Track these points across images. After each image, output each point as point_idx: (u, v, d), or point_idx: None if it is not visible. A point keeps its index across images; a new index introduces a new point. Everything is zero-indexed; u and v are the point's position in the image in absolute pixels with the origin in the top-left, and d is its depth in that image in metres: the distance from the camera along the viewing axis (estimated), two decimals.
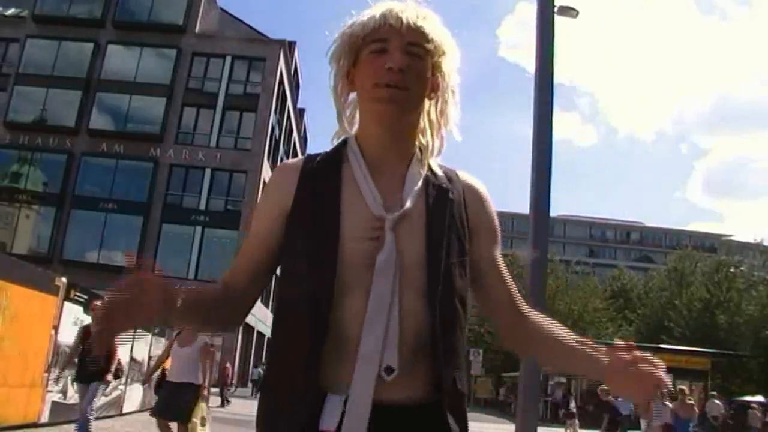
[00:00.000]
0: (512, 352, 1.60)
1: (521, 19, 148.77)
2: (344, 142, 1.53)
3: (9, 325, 7.85)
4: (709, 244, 69.41)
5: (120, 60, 35.31)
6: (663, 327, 38.23)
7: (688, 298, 38.58)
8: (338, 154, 1.50)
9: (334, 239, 1.35)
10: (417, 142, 1.51)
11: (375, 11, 1.45)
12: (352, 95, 1.52)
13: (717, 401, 19.24)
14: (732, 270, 39.81)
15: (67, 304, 9.55)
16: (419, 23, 1.43)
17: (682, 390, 15.70)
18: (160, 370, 8.71)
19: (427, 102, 1.50)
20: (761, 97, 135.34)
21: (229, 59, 35.94)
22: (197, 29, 36.28)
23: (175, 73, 35.20)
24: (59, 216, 33.48)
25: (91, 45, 35.20)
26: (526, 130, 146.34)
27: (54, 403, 9.61)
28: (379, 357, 1.28)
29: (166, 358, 8.25)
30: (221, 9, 40.09)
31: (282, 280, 1.43)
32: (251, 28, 38.31)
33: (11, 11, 37.44)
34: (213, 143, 34.97)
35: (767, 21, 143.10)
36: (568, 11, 8.93)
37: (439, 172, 1.51)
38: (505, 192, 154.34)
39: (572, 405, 20.70)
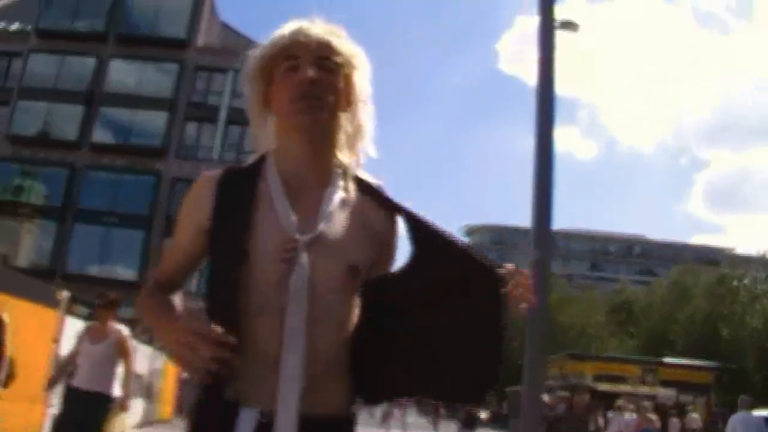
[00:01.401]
0: (514, 366, 1.60)
1: (520, 32, 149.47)
2: (262, 156, 1.55)
3: (10, 338, 7.83)
4: (712, 258, 69.21)
5: (122, 74, 35.47)
6: (665, 341, 38.06)
7: (691, 311, 38.44)
8: (256, 168, 1.52)
9: (243, 259, 1.38)
10: (336, 160, 1.52)
11: (285, 30, 1.49)
12: (268, 117, 1.55)
13: (694, 414, 19.12)
14: (735, 283, 39.66)
15: (69, 318, 9.54)
16: (327, 38, 1.47)
17: (644, 406, 16.48)
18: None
19: (342, 117, 1.52)
20: (762, 110, 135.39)
21: (231, 73, 36.06)
22: (200, 43, 36.47)
23: (178, 87, 35.35)
24: (61, 230, 33.51)
25: (93, 59, 35.37)
26: (525, 141, 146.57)
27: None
28: (298, 377, 1.33)
29: (75, 358, 6.08)
30: (224, 23, 40.29)
31: (205, 294, 1.48)
32: (254, 42, 38.39)
33: (15, 26, 37.66)
34: (215, 157, 35.03)
35: (767, 33, 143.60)
36: (569, 26, 8.97)
37: (365, 189, 1.53)
38: (503, 204, 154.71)
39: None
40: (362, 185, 1.54)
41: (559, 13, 7.70)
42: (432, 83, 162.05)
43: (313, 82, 1.43)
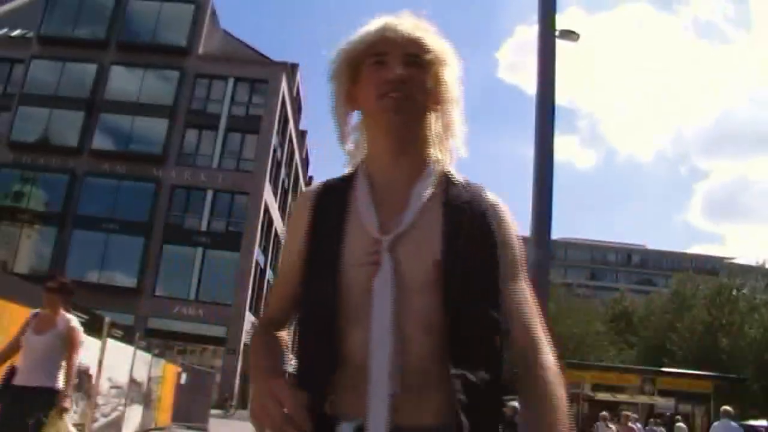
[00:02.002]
0: (514, 375, 1.52)
1: (520, 41, 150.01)
2: (359, 164, 1.49)
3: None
4: (711, 267, 69.25)
5: (123, 81, 35.55)
6: (665, 350, 37.98)
7: (690, 321, 38.39)
8: (348, 178, 1.46)
9: (333, 268, 1.32)
10: (427, 157, 1.45)
11: (372, 26, 1.43)
12: (355, 116, 1.49)
13: (681, 424, 19.12)
14: (734, 293, 39.65)
15: None
16: (417, 34, 1.41)
17: (626, 415, 16.85)
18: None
19: (432, 115, 1.46)
20: (761, 120, 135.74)
21: (231, 81, 36.18)
22: (200, 51, 36.57)
23: (178, 95, 35.43)
24: (61, 236, 33.52)
25: (94, 66, 35.47)
26: (523, 150, 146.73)
27: None
28: (387, 384, 1.24)
29: (16, 351, 5.21)
30: (224, 31, 40.41)
31: (298, 311, 1.45)
32: (254, 50, 38.58)
33: (17, 32, 37.77)
34: (215, 164, 35.09)
35: (766, 44, 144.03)
36: (569, 35, 8.98)
37: (459, 188, 1.44)
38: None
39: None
40: (453, 182, 1.45)
41: (559, 22, 7.72)
42: None
43: (401, 80, 1.37)
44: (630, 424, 16.62)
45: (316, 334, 1.32)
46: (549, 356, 1.47)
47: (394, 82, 1.37)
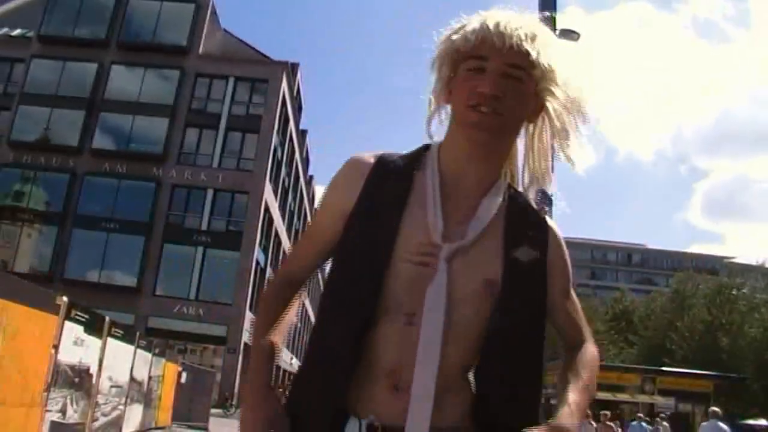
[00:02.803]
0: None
1: None
2: (426, 147, 1.45)
3: (9, 343, 7.84)
4: (711, 266, 69.26)
5: (123, 80, 35.55)
6: (665, 349, 38.01)
7: (690, 320, 38.41)
8: (416, 159, 1.42)
9: (384, 257, 1.29)
10: (504, 169, 1.43)
11: (481, 23, 1.34)
12: (447, 106, 1.44)
13: (644, 424, 19.21)
14: (734, 292, 39.67)
15: (68, 324, 9.53)
16: (525, 46, 1.31)
17: (604, 414, 17.49)
18: None
19: (527, 126, 1.42)
20: (761, 119, 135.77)
21: (231, 80, 36.18)
22: (200, 50, 36.56)
23: (178, 94, 35.42)
24: (61, 235, 33.51)
25: (95, 65, 35.46)
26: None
27: (53, 422, 9.57)
28: (432, 395, 1.24)
29: None
30: (225, 30, 40.39)
31: (328, 284, 1.39)
32: (254, 49, 38.58)
33: (17, 31, 37.78)
34: (215, 164, 35.08)
35: (766, 43, 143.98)
36: (570, 34, 8.98)
37: (525, 207, 1.43)
38: None
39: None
40: (519, 202, 1.42)
41: (559, 21, 7.72)
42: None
43: (493, 97, 1.30)
44: (608, 423, 17.37)
45: (346, 322, 1.29)
46: (592, 351, 1.50)
47: (484, 95, 1.30)
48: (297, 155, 48.36)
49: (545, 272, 1.40)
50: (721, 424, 14.36)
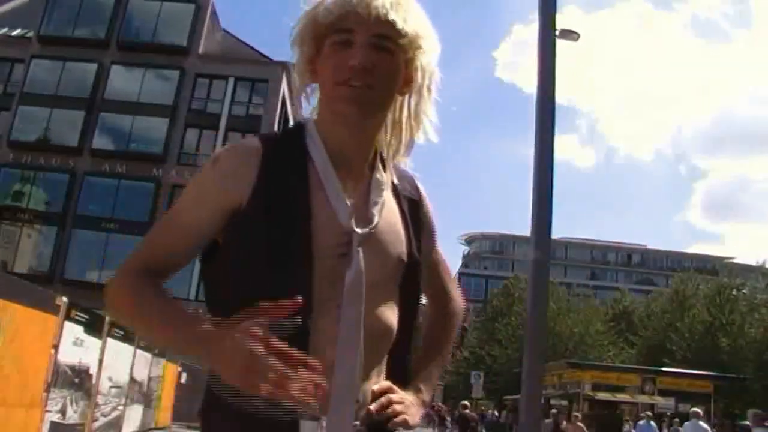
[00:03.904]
0: (514, 375, 1.66)
1: (517, 40, 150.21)
2: (300, 126, 1.38)
3: (9, 344, 7.83)
4: (711, 267, 69.25)
5: (123, 81, 35.56)
6: (665, 350, 37.96)
7: (690, 320, 38.36)
8: (298, 141, 1.34)
9: (306, 255, 1.22)
10: (380, 145, 1.39)
11: None
12: (314, 85, 1.38)
13: (652, 423, 19.29)
14: (734, 293, 39.63)
15: (68, 324, 9.53)
16: (391, 15, 1.25)
17: (575, 416, 17.81)
18: None
19: (398, 97, 1.36)
20: (760, 118, 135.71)
21: (231, 81, 36.18)
22: (200, 51, 36.55)
23: (178, 94, 35.43)
24: (61, 235, 33.52)
25: (94, 65, 35.45)
26: (523, 149, 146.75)
27: (53, 423, 9.57)
28: (357, 380, 1.22)
29: None
30: (225, 31, 40.40)
31: (235, 291, 1.26)
32: (254, 49, 38.57)
33: (17, 32, 37.77)
34: None
35: (766, 42, 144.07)
36: (569, 34, 8.98)
37: (403, 175, 1.45)
38: (503, 213, 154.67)
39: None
40: (399, 172, 1.44)
41: (558, 21, 7.72)
42: None
43: (364, 68, 1.25)
44: (579, 423, 17.86)
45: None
46: (456, 304, 1.63)
47: (355, 69, 1.25)
48: None
49: (429, 242, 1.47)
50: (702, 424, 14.88)
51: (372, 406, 1.27)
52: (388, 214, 1.34)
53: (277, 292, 1.13)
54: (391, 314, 1.32)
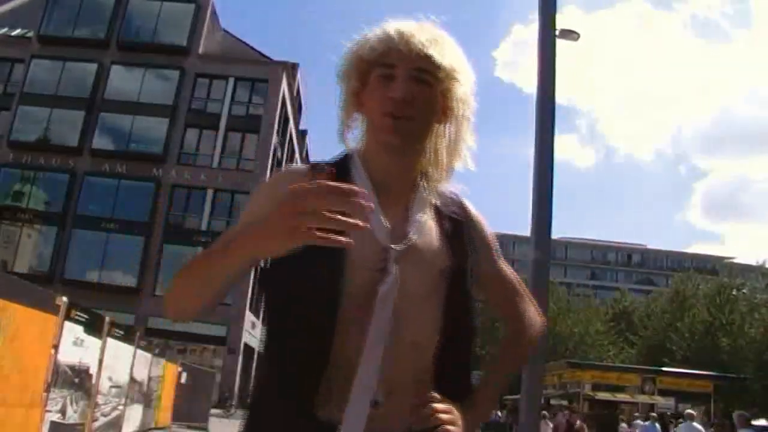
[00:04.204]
0: (514, 375, 1.72)
1: (517, 40, 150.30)
2: (346, 156, 1.48)
3: (9, 344, 7.83)
4: (711, 267, 69.29)
5: (123, 80, 35.57)
6: (665, 349, 38.00)
7: (690, 320, 38.39)
8: (344, 169, 1.42)
9: (341, 268, 1.30)
10: (423, 168, 1.48)
11: (384, 32, 1.40)
12: (358, 115, 1.49)
13: (657, 425, 19.35)
14: (734, 292, 39.66)
15: (68, 324, 9.53)
16: (429, 50, 1.37)
17: (543, 414, 18.33)
18: None
19: (436, 126, 1.46)
20: (760, 118, 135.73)
21: (231, 81, 36.19)
22: (200, 51, 36.57)
23: (178, 94, 35.44)
24: (61, 235, 33.52)
25: (94, 65, 35.47)
26: (523, 149, 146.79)
27: (53, 423, 9.57)
28: (373, 390, 1.27)
29: None
30: (225, 31, 40.41)
31: (277, 301, 1.39)
32: (254, 49, 38.59)
33: (17, 32, 37.78)
34: (215, 164, 35.10)
35: (766, 42, 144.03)
36: (569, 34, 8.97)
37: (446, 197, 1.51)
38: (502, 212, 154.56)
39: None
40: (442, 194, 1.51)
41: (558, 21, 7.72)
42: None
43: (405, 101, 1.36)
44: (547, 421, 18.65)
45: (310, 332, 1.29)
46: (523, 324, 1.63)
47: (397, 102, 1.36)
48: (297, 155, 48.36)
49: (475, 255, 1.49)
50: (696, 425, 15.10)
51: (412, 418, 1.33)
52: (426, 232, 1.42)
53: (314, 300, 1.29)
54: (429, 326, 1.38)
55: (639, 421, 20.16)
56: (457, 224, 1.48)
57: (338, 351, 1.28)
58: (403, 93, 1.35)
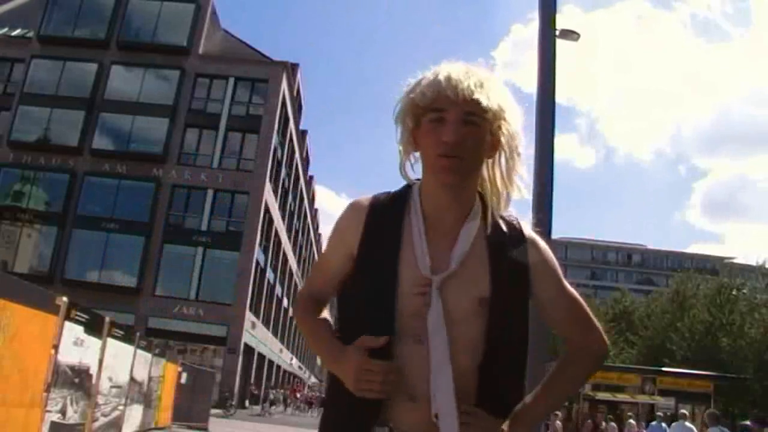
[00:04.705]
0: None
1: (516, 39, 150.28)
2: (409, 187, 1.67)
3: (9, 344, 7.83)
4: (711, 267, 69.26)
5: (123, 80, 35.57)
6: (665, 350, 37.97)
7: (690, 320, 38.35)
8: (402, 201, 1.65)
9: (391, 293, 1.54)
10: (476, 198, 1.63)
11: (435, 79, 1.54)
12: (416, 153, 1.65)
13: (663, 424, 19.43)
14: (734, 293, 39.61)
15: (68, 324, 9.53)
16: (476, 95, 1.51)
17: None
18: None
19: (489, 161, 1.62)
20: (760, 118, 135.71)
21: (232, 81, 36.18)
22: (201, 51, 36.57)
23: (178, 94, 35.43)
24: (61, 235, 33.52)
25: (95, 65, 35.48)
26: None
27: (53, 423, 9.57)
28: (455, 409, 1.47)
29: None
30: (225, 31, 40.42)
31: (343, 317, 1.66)
32: (254, 50, 38.58)
33: (17, 32, 37.79)
34: (215, 164, 35.09)
35: (765, 41, 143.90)
36: (570, 35, 8.95)
37: (501, 225, 1.64)
38: None
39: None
40: (496, 222, 1.64)
41: (557, 21, 7.70)
42: None
43: (456, 143, 1.50)
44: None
45: (370, 347, 1.52)
46: (581, 346, 1.75)
47: (448, 144, 1.50)
48: (297, 155, 48.36)
49: (528, 279, 1.62)
50: (688, 424, 15.46)
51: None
52: (471, 260, 1.57)
53: (371, 322, 1.54)
54: (471, 348, 1.54)
55: (632, 421, 20.27)
56: (510, 252, 1.61)
57: (396, 361, 1.52)
58: (453, 137, 1.50)
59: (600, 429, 18.40)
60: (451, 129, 1.50)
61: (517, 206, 1.71)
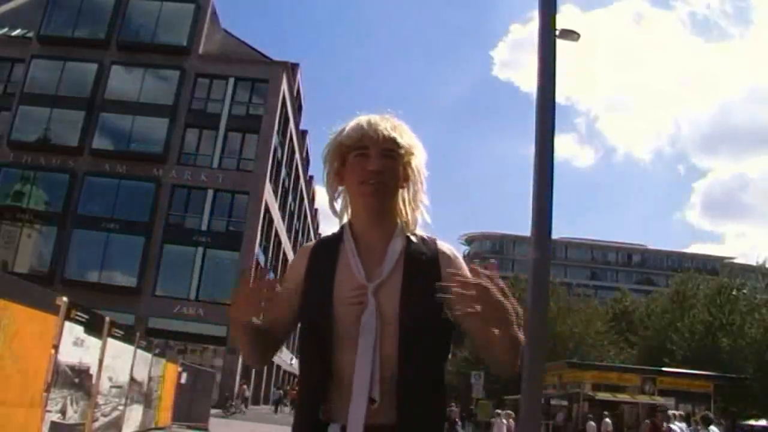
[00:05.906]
0: (514, 375, 1.95)
1: (515, 39, 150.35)
2: (342, 227, 1.94)
3: (9, 343, 7.83)
4: (711, 267, 69.35)
5: (123, 81, 35.58)
6: (665, 350, 37.96)
7: (690, 320, 38.36)
8: (338, 235, 1.92)
9: (328, 305, 1.77)
10: (397, 220, 1.90)
11: (357, 124, 1.85)
12: (341, 188, 1.93)
13: (608, 420, 19.45)
14: (734, 293, 39.62)
15: (68, 324, 9.53)
16: (392, 134, 1.83)
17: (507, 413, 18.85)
18: None
19: (401, 190, 1.90)
20: (760, 118, 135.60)
21: (232, 81, 36.19)
22: (201, 51, 36.58)
23: (178, 94, 35.44)
24: (61, 235, 33.53)
25: (95, 65, 35.49)
26: (522, 148, 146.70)
27: (53, 423, 9.57)
28: (367, 392, 1.67)
29: None
30: (225, 31, 40.42)
31: (299, 335, 1.88)
32: (254, 50, 38.59)
33: (17, 32, 37.79)
34: (215, 164, 35.10)
35: (765, 41, 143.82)
36: (570, 34, 8.96)
37: (418, 243, 1.89)
38: (502, 212, 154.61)
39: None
40: (414, 240, 1.89)
41: (557, 22, 7.69)
42: (428, 90, 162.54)
43: (378, 171, 1.80)
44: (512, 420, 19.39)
45: (314, 355, 1.77)
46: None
47: (372, 172, 1.80)
48: (297, 155, 48.37)
49: (438, 287, 1.75)
50: (683, 424, 15.82)
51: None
52: (398, 270, 1.81)
53: (314, 326, 1.79)
54: (397, 341, 1.73)
55: (608, 420, 20.41)
56: (425, 261, 1.84)
57: (338, 368, 1.72)
58: (377, 166, 1.81)
59: (661, 430, 18.05)
60: (375, 160, 1.80)
61: (517, 207, 1.74)
